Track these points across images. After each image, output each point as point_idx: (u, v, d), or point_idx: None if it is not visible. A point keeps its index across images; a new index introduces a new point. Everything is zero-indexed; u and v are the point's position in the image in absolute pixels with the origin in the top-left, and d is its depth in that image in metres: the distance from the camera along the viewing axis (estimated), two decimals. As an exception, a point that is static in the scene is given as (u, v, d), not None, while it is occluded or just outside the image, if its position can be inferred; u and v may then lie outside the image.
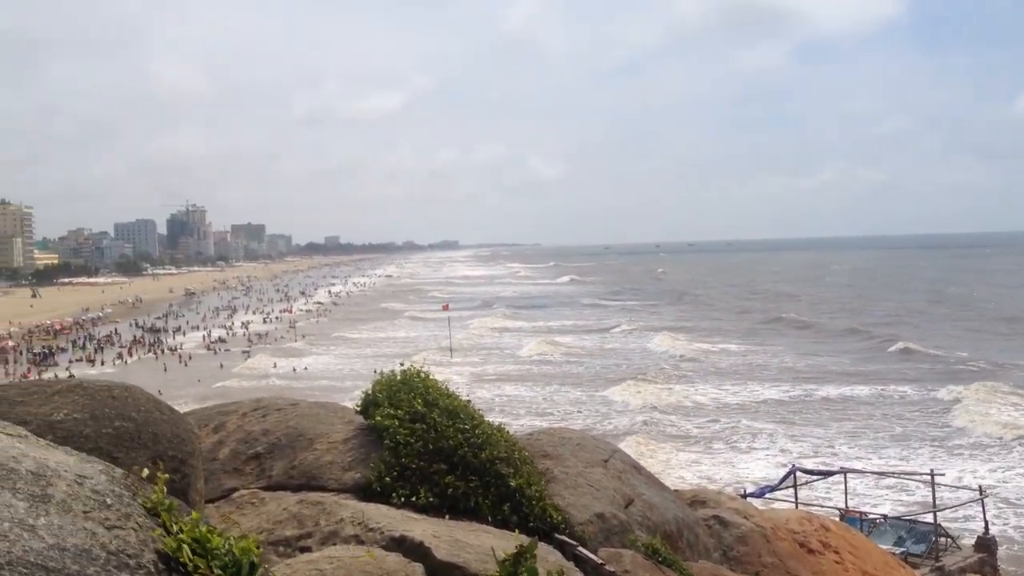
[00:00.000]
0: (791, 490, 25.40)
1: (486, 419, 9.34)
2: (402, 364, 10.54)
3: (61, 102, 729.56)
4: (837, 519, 19.01)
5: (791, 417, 51.95)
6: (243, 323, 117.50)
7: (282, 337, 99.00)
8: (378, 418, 8.91)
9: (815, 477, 28.51)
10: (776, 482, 26.74)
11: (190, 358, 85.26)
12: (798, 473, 26.24)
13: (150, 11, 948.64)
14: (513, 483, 8.47)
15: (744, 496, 19.93)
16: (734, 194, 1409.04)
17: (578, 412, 54.60)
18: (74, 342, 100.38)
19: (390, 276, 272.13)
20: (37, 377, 56.50)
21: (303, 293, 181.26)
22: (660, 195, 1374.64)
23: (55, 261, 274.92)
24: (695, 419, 52.15)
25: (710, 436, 47.90)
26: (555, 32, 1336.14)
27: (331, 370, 74.16)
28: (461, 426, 8.62)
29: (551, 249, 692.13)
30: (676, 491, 12.80)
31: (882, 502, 34.17)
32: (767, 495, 25.16)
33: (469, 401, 9.54)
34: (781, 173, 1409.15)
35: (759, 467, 40.90)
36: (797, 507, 21.55)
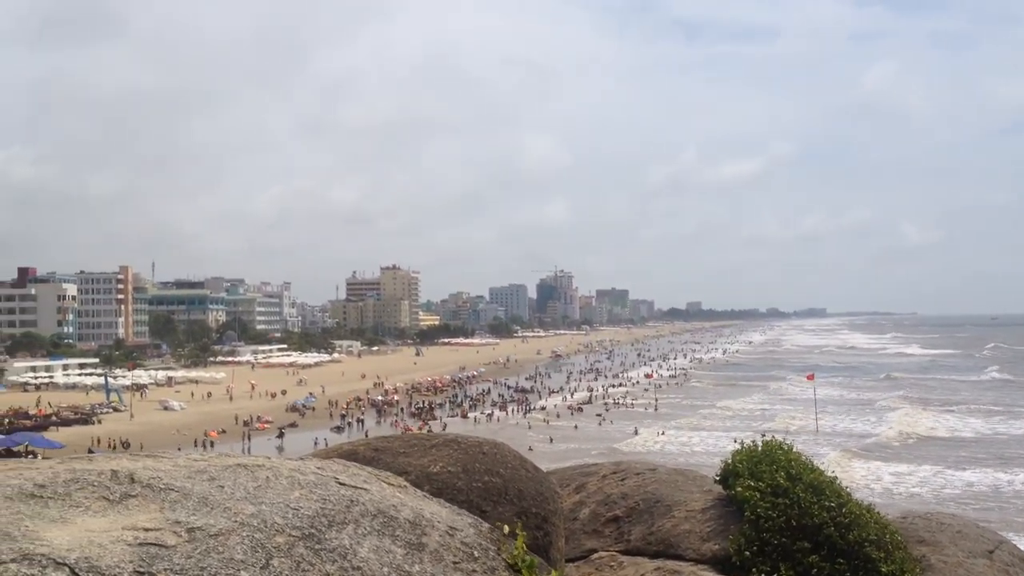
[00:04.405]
0: None
1: (854, 498, 8.80)
2: (763, 435, 10.23)
3: (443, 176, 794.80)
4: None
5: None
6: (605, 387, 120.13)
7: (642, 402, 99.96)
8: (738, 489, 8.68)
9: None
10: None
11: (558, 416, 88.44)
12: None
13: (519, 93, 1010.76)
14: (884, 569, 7.88)
15: None
16: None
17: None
18: (451, 399, 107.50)
19: (751, 343, 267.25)
20: (418, 430, 61.01)
21: (664, 358, 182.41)
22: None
23: (436, 322, 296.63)
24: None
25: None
26: (919, 93, 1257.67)
27: (687, 437, 73.62)
28: (827, 503, 8.17)
29: (927, 318, 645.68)
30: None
31: None
32: None
33: (835, 477, 9.05)
34: None
35: None
36: None
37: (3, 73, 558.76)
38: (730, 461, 9.33)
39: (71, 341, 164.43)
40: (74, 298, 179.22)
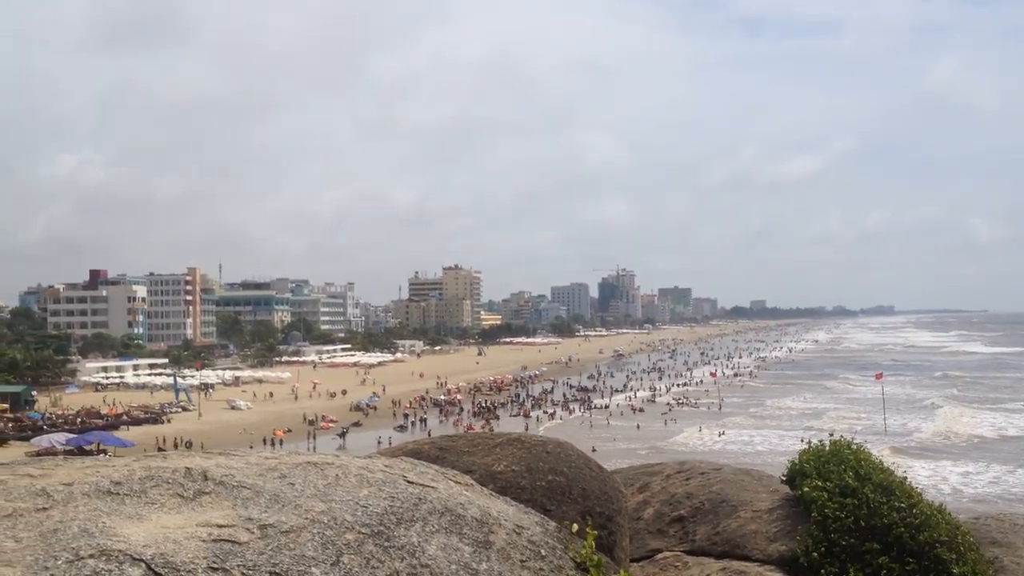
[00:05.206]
0: None
1: (924, 498, 8.63)
2: (831, 434, 10.06)
3: (504, 176, 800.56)
4: None
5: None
6: (667, 386, 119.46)
7: (706, 401, 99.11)
8: (805, 489, 8.56)
9: None
10: None
11: (621, 414, 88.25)
12: None
13: (579, 93, 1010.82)
14: (956, 570, 7.72)
15: None
16: None
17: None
18: (513, 398, 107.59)
19: (816, 342, 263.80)
20: (481, 429, 61.18)
21: (728, 357, 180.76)
22: None
23: (498, 322, 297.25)
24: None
25: None
26: (987, 87, 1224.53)
27: (749, 436, 72.94)
28: (896, 504, 8.02)
29: (997, 315, 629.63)
30: None
31: None
32: None
33: (905, 477, 8.88)
34: None
35: None
36: None
37: (75, 80, 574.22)
38: (797, 461, 9.21)
39: (141, 342, 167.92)
40: (144, 299, 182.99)
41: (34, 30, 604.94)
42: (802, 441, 10.03)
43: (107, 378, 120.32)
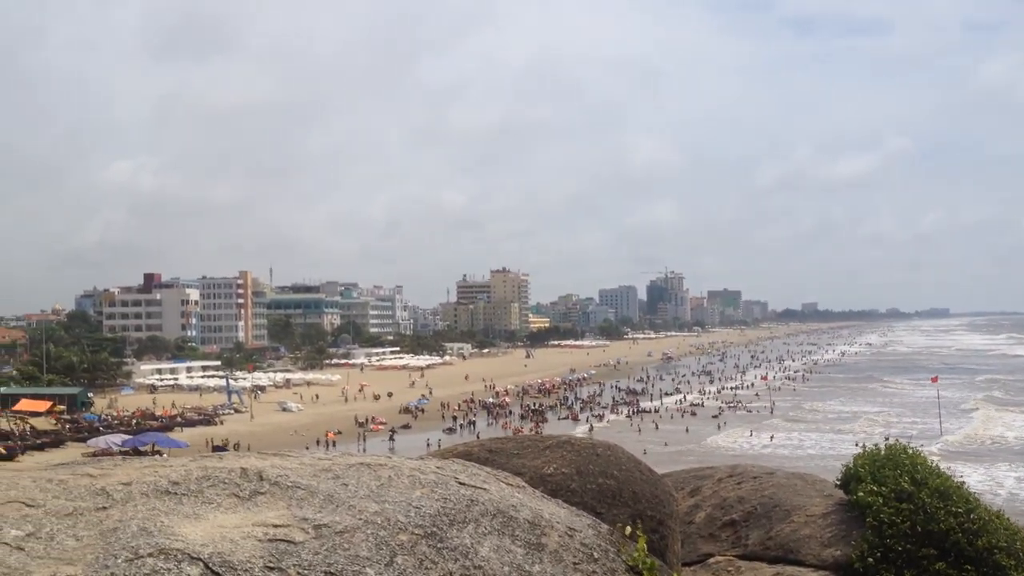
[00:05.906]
0: None
1: (982, 503, 8.48)
2: (887, 439, 9.94)
3: (552, 179, 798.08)
4: None
5: None
6: (717, 389, 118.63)
7: (756, 404, 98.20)
8: (860, 494, 8.45)
9: None
10: None
11: (671, 418, 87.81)
12: None
13: (627, 95, 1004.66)
14: (1015, 577, 7.59)
15: None
16: None
17: None
18: (562, 401, 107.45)
19: (870, 344, 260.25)
20: (529, 432, 61.14)
21: (779, 360, 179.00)
22: None
23: (546, 324, 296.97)
24: None
25: None
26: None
27: (801, 440, 72.20)
28: (954, 509, 7.89)
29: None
30: None
31: None
32: None
33: (963, 482, 8.73)
34: None
35: None
36: None
37: (129, 87, 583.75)
38: (851, 465, 9.11)
39: (194, 344, 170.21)
40: (197, 303, 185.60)
41: (89, 38, 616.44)
42: (856, 445, 9.92)
43: (161, 380, 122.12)
